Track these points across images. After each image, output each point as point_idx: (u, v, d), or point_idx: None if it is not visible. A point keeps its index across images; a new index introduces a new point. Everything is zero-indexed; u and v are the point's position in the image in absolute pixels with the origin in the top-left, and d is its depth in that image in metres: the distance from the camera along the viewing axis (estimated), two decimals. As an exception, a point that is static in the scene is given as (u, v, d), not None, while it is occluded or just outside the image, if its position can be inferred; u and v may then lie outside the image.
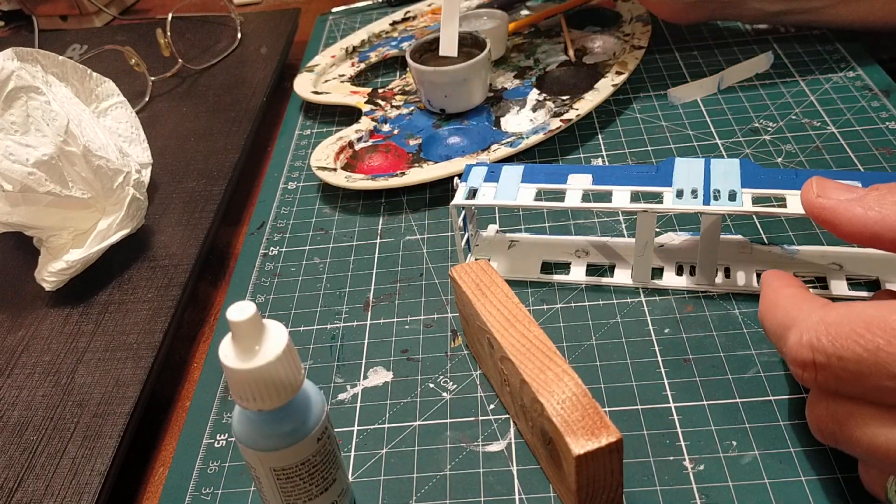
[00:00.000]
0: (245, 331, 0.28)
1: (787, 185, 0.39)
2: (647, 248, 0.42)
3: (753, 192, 0.39)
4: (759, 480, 0.34)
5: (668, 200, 0.40)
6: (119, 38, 0.80)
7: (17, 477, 0.39)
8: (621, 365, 0.40)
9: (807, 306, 0.31)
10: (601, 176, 0.42)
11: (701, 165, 0.41)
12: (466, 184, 0.44)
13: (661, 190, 0.41)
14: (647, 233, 0.42)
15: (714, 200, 0.39)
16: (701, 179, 0.40)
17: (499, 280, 0.38)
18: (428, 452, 0.38)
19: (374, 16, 0.81)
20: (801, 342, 0.29)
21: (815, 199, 0.33)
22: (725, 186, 0.40)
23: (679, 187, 0.40)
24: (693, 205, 0.39)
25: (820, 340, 0.28)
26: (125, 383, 0.42)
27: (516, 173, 0.43)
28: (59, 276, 0.47)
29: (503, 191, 0.43)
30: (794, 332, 0.30)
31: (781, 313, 0.32)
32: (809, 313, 0.30)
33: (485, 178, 0.44)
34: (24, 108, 0.46)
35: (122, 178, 0.49)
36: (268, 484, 0.31)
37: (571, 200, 0.42)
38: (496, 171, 0.44)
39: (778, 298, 0.33)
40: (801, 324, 0.30)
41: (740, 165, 0.41)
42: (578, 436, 0.30)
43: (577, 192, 0.42)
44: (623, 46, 0.64)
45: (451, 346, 0.43)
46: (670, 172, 0.41)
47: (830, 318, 0.29)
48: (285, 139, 0.63)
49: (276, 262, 0.51)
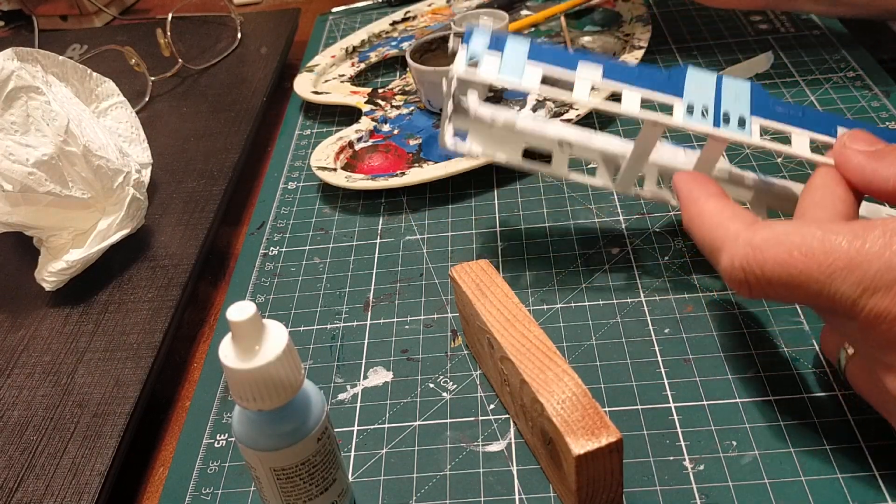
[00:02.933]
0: (245, 331, 0.28)
1: (794, 122, 0.38)
2: (640, 159, 0.40)
3: (762, 123, 0.38)
4: (759, 480, 0.34)
5: (678, 114, 0.38)
6: (119, 38, 0.80)
7: (17, 477, 0.39)
8: (621, 365, 0.40)
9: (733, 227, 0.32)
10: (612, 70, 0.39)
11: (712, 81, 0.39)
12: (468, 47, 0.39)
13: (672, 100, 0.38)
14: (649, 144, 0.39)
15: (724, 123, 0.37)
16: (711, 97, 0.38)
17: (499, 280, 0.38)
18: (428, 452, 0.38)
19: (374, 16, 0.81)
20: (732, 265, 0.31)
21: (839, 145, 0.35)
22: (735, 110, 0.38)
23: (689, 100, 0.38)
24: (702, 125, 0.37)
25: (749, 264, 0.30)
26: (125, 383, 0.42)
27: (522, 47, 0.39)
28: (59, 276, 0.47)
29: (508, 66, 0.38)
30: (724, 256, 0.31)
31: (708, 232, 0.33)
32: (737, 235, 0.31)
33: (488, 45, 0.39)
34: (24, 108, 0.46)
35: (122, 178, 0.49)
36: (268, 484, 0.31)
37: (580, 93, 0.38)
38: (500, 41, 0.39)
39: (703, 213, 0.34)
40: (730, 247, 0.31)
41: (751, 90, 0.39)
42: (578, 436, 0.30)
43: (586, 83, 0.38)
44: (623, 46, 0.64)
45: (451, 346, 0.43)
46: (681, 82, 0.39)
47: (756, 242, 0.30)
48: (285, 139, 0.63)
49: (276, 262, 0.51)
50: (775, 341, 0.40)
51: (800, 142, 0.38)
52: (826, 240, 0.29)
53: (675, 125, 0.37)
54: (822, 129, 0.38)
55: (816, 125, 0.38)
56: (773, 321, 0.41)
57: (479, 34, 0.40)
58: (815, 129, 0.38)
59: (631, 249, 0.47)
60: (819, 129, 0.38)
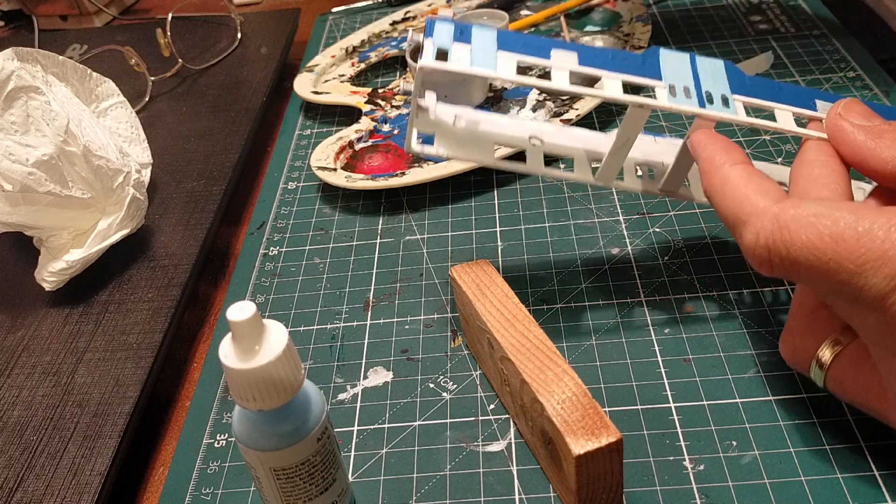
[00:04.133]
0: (245, 331, 0.28)
1: (773, 97, 0.37)
2: (625, 146, 0.38)
3: (744, 100, 0.37)
4: (759, 480, 0.34)
5: (662, 97, 0.36)
6: (119, 38, 0.80)
7: (17, 477, 0.39)
8: (621, 365, 0.40)
9: (761, 202, 0.31)
10: (586, 57, 0.37)
11: (686, 61, 0.38)
12: (433, 41, 0.36)
13: (653, 83, 0.37)
14: (634, 129, 0.38)
15: (709, 103, 0.36)
16: (689, 76, 0.37)
17: (499, 280, 0.38)
18: (428, 452, 0.38)
19: (374, 16, 0.81)
20: (757, 242, 0.30)
21: (833, 115, 0.34)
22: (716, 90, 0.37)
23: (670, 82, 0.37)
24: (688, 105, 0.36)
25: (775, 243, 0.29)
26: (125, 383, 0.42)
27: (490, 37, 0.37)
28: (59, 276, 0.47)
29: (479, 56, 0.36)
30: (749, 230, 0.30)
31: (732, 203, 0.32)
32: (764, 211, 0.30)
33: (453, 38, 0.37)
34: (24, 108, 0.46)
35: (122, 178, 0.49)
36: (268, 484, 0.31)
37: (559, 81, 0.36)
38: (466, 32, 0.37)
39: (727, 182, 0.33)
40: (756, 221, 0.30)
41: (725, 67, 0.38)
42: (578, 436, 0.30)
43: (564, 73, 0.36)
44: (623, 46, 0.64)
45: (451, 346, 0.43)
46: (656, 64, 0.37)
47: (784, 220, 0.29)
48: (285, 139, 0.63)
49: (276, 262, 0.51)
50: (775, 341, 0.40)
51: (784, 117, 0.37)
52: (859, 227, 0.28)
53: (663, 107, 0.36)
54: (801, 102, 0.38)
55: (795, 99, 0.38)
56: (774, 321, 0.41)
57: (441, 25, 0.37)
58: (795, 103, 0.37)
59: (631, 249, 0.47)
60: (799, 104, 0.37)
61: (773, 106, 0.37)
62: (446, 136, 0.41)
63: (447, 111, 0.41)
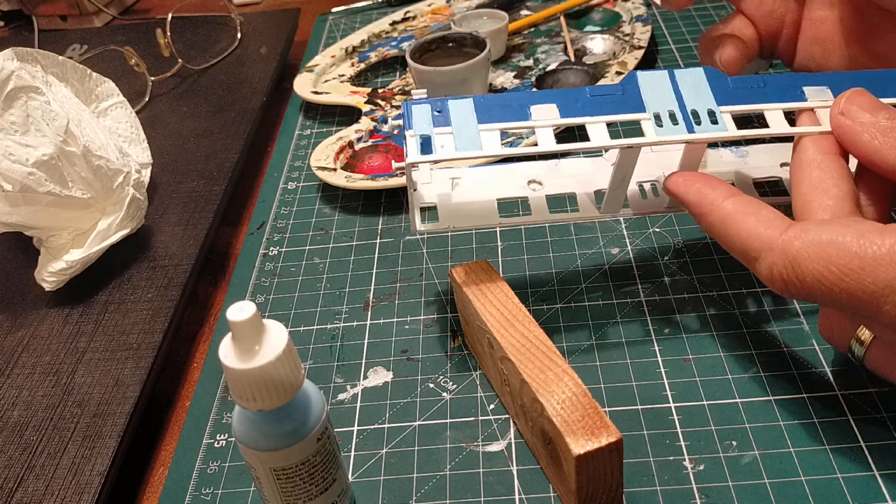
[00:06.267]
0: (245, 331, 0.28)
1: (759, 96, 0.37)
2: (624, 181, 0.39)
3: (731, 110, 0.37)
4: (759, 480, 0.34)
5: (649, 130, 0.36)
6: (119, 38, 0.80)
7: (17, 477, 0.39)
8: (621, 365, 0.40)
9: (766, 233, 0.31)
10: (565, 104, 0.37)
11: (666, 79, 0.38)
12: (414, 132, 0.37)
13: (638, 117, 0.37)
14: (629, 167, 0.38)
15: (696, 125, 0.36)
16: (672, 97, 0.37)
17: (499, 280, 0.38)
18: (428, 452, 0.38)
19: (374, 16, 0.81)
20: (772, 276, 0.31)
21: (836, 115, 0.34)
22: (701, 105, 0.37)
23: (654, 111, 0.37)
24: (677, 133, 0.36)
25: (788, 276, 0.30)
26: (125, 383, 0.42)
27: (468, 110, 0.37)
28: (59, 276, 0.47)
29: (462, 138, 0.36)
30: (762, 265, 0.31)
31: (738, 240, 0.32)
32: (771, 244, 0.31)
33: (433, 121, 0.37)
34: (24, 108, 0.46)
35: (122, 178, 0.49)
36: (268, 484, 0.31)
37: (545, 142, 0.36)
38: (444, 111, 0.37)
39: (727, 220, 0.33)
40: (767, 256, 0.31)
41: (706, 75, 0.38)
42: (578, 436, 0.30)
43: (548, 131, 0.37)
44: (623, 46, 0.64)
45: (451, 346, 0.43)
46: (637, 91, 0.37)
47: (792, 253, 0.30)
48: (285, 139, 0.63)
49: (276, 262, 0.51)
50: (775, 341, 0.40)
51: (775, 118, 0.37)
52: (865, 256, 0.28)
53: (650, 143, 0.36)
54: (788, 95, 0.37)
55: (782, 92, 0.37)
56: (773, 321, 0.41)
57: (418, 111, 0.38)
58: (783, 97, 0.37)
59: (631, 249, 0.47)
60: (787, 97, 0.37)
61: (762, 108, 0.37)
62: (448, 207, 0.42)
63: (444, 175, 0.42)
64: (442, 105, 0.38)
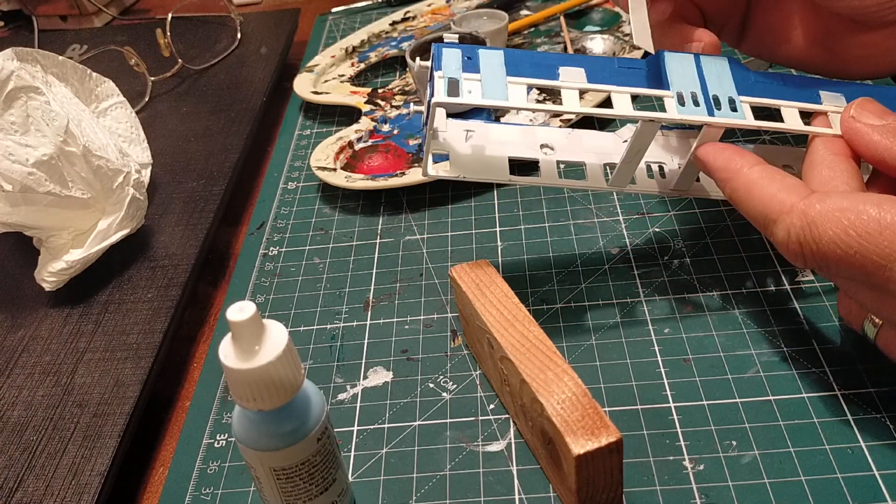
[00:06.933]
0: (245, 331, 0.28)
1: (778, 93, 0.38)
2: (638, 155, 0.39)
3: (750, 101, 0.38)
4: (759, 480, 0.34)
5: (671, 107, 0.37)
6: (119, 38, 0.80)
7: (17, 477, 0.39)
8: (621, 365, 0.40)
9: (788, 199, 0.32)
10: (593, 70, 0.38)
11: (692, 62, 0.38)
12: (443, 73, 0.37)
13: (662, 94, 0.37)
14: (646, 140, 0.39)
15: (716, 109, 0.37)
16: (696, 80, 0.38)
17: (499, 280, 0.38)
18: (428, 452, 0.38)
19: (373, 16, 0.81)
20: (789, 238, 0.31)
21: (847, 117, 0.35)
22: (722, 92, 0.38)
23: (677, 90, 0.37)
24: (697, 115, 0.37)
25: (805, 238, 0.31)
26: (125, 383, 0.42)
27: (498, 62, 0.37)
28: (59, 276, 0.47)
29: (490, 86, 0.37)
30: (780, 228, 0.32)
31: (760, 204, 0.33)
32: (792, 208, 0.31)
33: (462, 66, 0.37)
34: (24, 108, 0.46)
35: (122, 178, 0.49)
36: (268, 484, 0.31)
37: (569, 103, 0.37)
38: (474, 58, 0.38)
39: (751, 185, 0.34)
40: (786, 218, 0.32)
41: (730, 65, 0.39)
42: (578, 436, 0.30)
43: (574, 93, 0.37)
44: (623, 46, 0.64)
45: (451, 346, 0.43)
46: (662, 69, 0.38)
47: (812, 216, 0.31)
48: (285, 139, 0.63)
49: (276, 262, 0.51)
50: (775, 341, 0.40)
51: (790, 115, 0.38)
52: (883, 220, 0.29)
53: (672, 119, 0.37)
54: (805, 95, 0.38)
55: (800, 92, 0.38)
56: (773, 321, 0.41)
57: (448, 53, 0.38)
58: (800, 97, 0.38)
59: (631, 249, 0.47)
60: (803, 97, 0.38)
61: (780, 104, 0.38)
62: (460, 156, 0.42)
63: (459, 125, 0.42)
64: (472, 52, 0.38)
